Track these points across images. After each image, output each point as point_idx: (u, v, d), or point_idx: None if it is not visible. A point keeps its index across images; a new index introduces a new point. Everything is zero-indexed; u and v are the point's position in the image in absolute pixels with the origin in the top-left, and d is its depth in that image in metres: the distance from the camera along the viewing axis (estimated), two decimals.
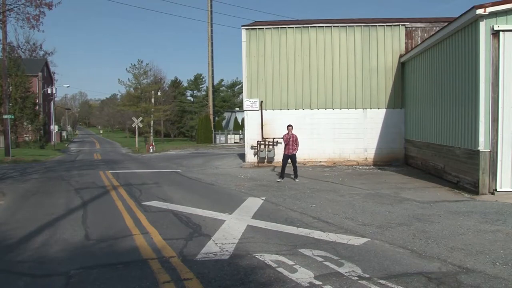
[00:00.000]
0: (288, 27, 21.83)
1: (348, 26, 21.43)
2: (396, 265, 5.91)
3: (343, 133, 21.27)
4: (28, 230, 8.43)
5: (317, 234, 7.68)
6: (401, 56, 20.88)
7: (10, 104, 42.00)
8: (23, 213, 10.48)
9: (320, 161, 21.36)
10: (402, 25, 21.13)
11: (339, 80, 21.38)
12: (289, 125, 16.41)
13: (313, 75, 21.55)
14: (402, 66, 20.96)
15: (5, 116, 33.38)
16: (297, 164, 16.34)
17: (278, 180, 15.75)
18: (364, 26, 21.32)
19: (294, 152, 15.96)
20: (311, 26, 21.67)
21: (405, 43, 21.06)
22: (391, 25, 21.20)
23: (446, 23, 15.08)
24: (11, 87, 47.65)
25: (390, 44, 21.16)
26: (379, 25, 21.25)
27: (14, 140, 45.52)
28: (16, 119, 48.46)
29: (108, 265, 6.14)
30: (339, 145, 21.32)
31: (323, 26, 21.60)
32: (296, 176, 16.02)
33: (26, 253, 6.89)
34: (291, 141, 15.88)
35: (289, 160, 15.95)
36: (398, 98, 21.06)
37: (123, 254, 6.75)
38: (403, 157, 20.92)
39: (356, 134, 21.25)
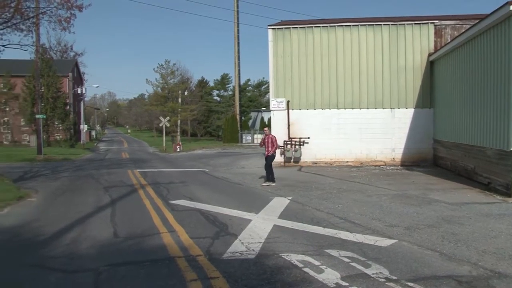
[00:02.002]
0: (315, 27, 21.73)
1: (376, 25, 21.19)
2: (425, 268, 5.81)
3: (370, 133, 21.05)
4: (59, 227, 8.63)
5: (343, 235, 7.63)
6: (430, 55, 20.54)
7: (42, 104, 42.96)
8: (54, 210, 10.74)
9: (347, 161, 21.19)
10: (431, 23, 20.77)
11: (366, 80, 21.17)
12: (265, 127, 16.74)
13: (340, 74, 21.40)
14: (431, 65, 20.61)
15: (37, 116, 34.18)
16: (272, 168, 15.51)
17: (264, 184, 15.02)
18: (392, 24, 21.05)
19: (268, 154, 15.31)
20: (338, 25, 21.52)
21: (434, 41, 20.70)
22: (419, 24, 20.86)
23: (477, 21, 14.74)
24: (43, 88, 48.83)
25: (418, 42, 20.83)
26: (407, 24, 20.94)
27: (45, 139, 46.55)
28: (47, 118, 49.66)
29: (136, 263, 6.23)
30: (366, 145, 21.12)
31: (350, 25, 21.42)
32: (267, 180, 15.17)
33: (57, 249, 7.06)
34: (266, 142, 15.39)
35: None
36: (427, 97, 20.72)
37: (151, 252, 6.84)
38: (431, 158, 20.57)
39: (383, 134, 21.00)
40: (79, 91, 64.70)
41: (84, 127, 62.03)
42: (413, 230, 7.98)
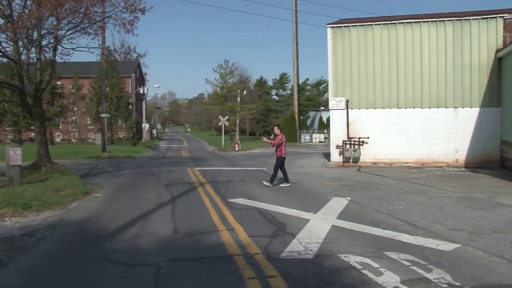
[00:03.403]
0: (375, 24, 21.31)
1: (439, 21, 20.46)
2: (491, 275, 5.54)
3: (432, 133, 20.35)
4: (122, 222, 8.97)
5: (404, 237, 7.44)
6: (498, 51, 19.55)
7: (107, 104, 44.69)
8: (117, 206, 11.19)
9: (408, 162, 20.62)
10: (500, 17, 19.76)
11: (429, 78, 20.50)
12: (277, 126, 15.88)
13: (400, 73, 20.86)
14: (499, 62, 19.62)
15: (102, 115, 35.69)
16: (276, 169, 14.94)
17: (281, 185, 14.74)
18: (456, 20, 20.24)
19: (277, 155, 14.94)
20: (398, 23, 20.98)
21: (503, 36, 19.68)
22: (486, 18, 19.90)
23: None
24: (108, 88, 50.85)
25: (485, 38, 19.89)
26: (473, 19, 20.05)
27: (109, 137, 48.44)
28: (111, 117, 51.68)
29: (195, 259, 6.36)
30: (427, 146, 20.44)
31: (411, 22, 20.81)
32: (271, 181, 14.68)
33: (120, 243, 7.34)
34: (278, 142, 14.88)
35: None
36: (494, 96, 19.75)
37: (210, 249, 6.96)
38: (498, 160, 19.58)
39: (446, 134, 20.24)
40: (141, 91, 66.86)
41: (145, 126, 64.03)
42: (478, 235, 7.65)
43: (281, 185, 14.71)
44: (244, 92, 66.05)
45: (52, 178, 14.90)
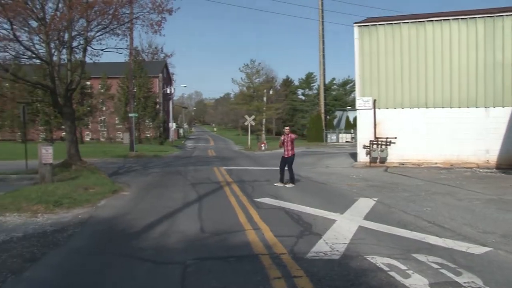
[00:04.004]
0: (403, 23, 21.04)
1: (469, 18, 20.05)
2: None
3: (462, 133, 19.94)
4: (149, 220, 9.08)
5: (432, 239, 7.32)
6: None
7: (135, 104, 45.28)
8: (144, 204, 11.33)
9: (436, 163, 20.27)
10: None
11: (458, 77, 20.11)
12: (286, 126, 15.95)
13: (429, 72, 20.54)
14: None
15: (130, 115, 36.19)
16: (292, 169, 14.88)
17: (275, 184, 14.68)
18: (488, 17, 19.79)
19: (289, 155, 14.73)
20: (427, 21, 20.66)
21: None
22: None
23: None
24: (135, 88, 51.55)
25: None
26: (506, 15, 19.55)
27: (137, 137, 49.11)
28: (139, 117, 52.36)
29: (222, 258, 6.39)
30: (457, 146, 20.04)
31: (440, 20, 20.47)
32: (291, 181, 14.56)
33: (148, 242, 7.43)
34: (285, 142, 14.76)
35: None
36: None
37: (236, 248, 6.99)
38: None
39: (476, 134, 19.80)
40: (168, 91, 67.53)
41: (172, 125, 64.66)
42: (511, 238, 7.46)
43: (275, 184, 14.68)
44: (270, 92, 66.10)
45: (82, 176, 15.21)
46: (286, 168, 14.81)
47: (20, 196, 10.77)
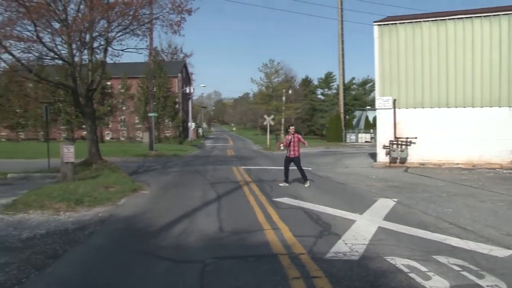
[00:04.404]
0: (423, 21, 20.78)
1: (493, 15, 19.67)
2: None
3: (484, 133, 19.61)
4: (168, 219, 9.15)
5: (453, 241, 7.20)
6: None
7: (154, 103, 45.67)
8: (164, 203, 11.42)
9: (457, 163, 19.98)
10: None
11: (481, 76, 19.77)
12: (291, 125, 15.80)
13: (450, 71, 20.25)
14: None
15: (149, 114, 36.50)
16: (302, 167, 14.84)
17: (280, 184, 14.60)
18: None
19: (296, 155, 14.61)
20: (448, 19, 20.36)
21: None
22: None
23: None
24: (155, 88, 51.97)
25: None
26: None
27: (156, 136, 49.48)
28: (159, 116, 52.78)
29: (241, 257, 6.42)
30: (479, 146, 19.71)
31: (462, 18, 20.14)
32: (305, 180, 14.51)
33: (167, 240, 7.50)
34: (291, 142, 14.59)
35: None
36: None
37: (255, 248, 7.01)
38: None
39: (500, 134, 19.43)
40: (187, 91, 67.89)
41: (191, 125, 64.95)
42: None
43: (280, 184, 14.63)
44: (289, 91, 65.97)
45: (102, 175, 15.38)
46: (290, 167, 14.80)
47: (43, 194, 10.96)
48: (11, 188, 13.56)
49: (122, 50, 19.72)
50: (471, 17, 20.03)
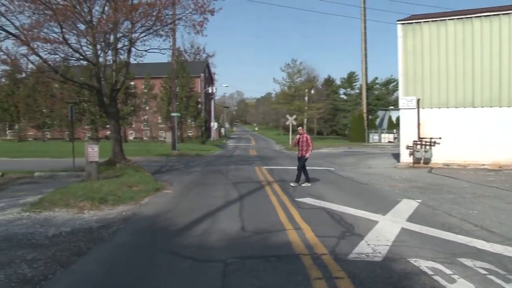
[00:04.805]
0: (448, 19, 20.43)
1: None
2: None
3: None
4: (191, 218, 9.22)
5: (479, 244, 7.06)
6: None
7: (177, 103, 45.99)
8: (187, 202, 11.50)
9: (483, 164, 19.59)
10: None
11: (508, 75, 19.33)
12: (299, 126, 15.78)
13: (476, 70, 19.86)
14: None
15: (172, 114, 36.77)
16: (305, 168, 14.81)
17: (303, 184, 14.45)
18: None
19: (302, 154, 14.61)
20: (474, 16, 19.96)
21: None
22: None
23: None
24: (178, 88, 52.33)
25: None
26: None
27: (179, 136, 49.80)
28: (181, 116, 53.12)
29: (262, 257, 6.41)
30: (506, 147, 19.27)
31: (489, 15, 19.71)
32: (296, 181, 14.49)
33: (189, 239, 7.55)
34: (300, 142, 14.58)
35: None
36: None
37: (277, 248, 6.99)
38: None
39: None
40: (209, 91, 68.15)
41: (214, 125, 65.22)
42: None
43: (291, 184, 14.51)
44: (312, 91, 65.84)
45: (126, 174, 15.57)
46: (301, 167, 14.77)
47: (68, 192, 11.15)
48: (38, 187, 13.86)
49: (145, 51, 19.96)
50: (498, 14, 19.60)
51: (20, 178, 16.19)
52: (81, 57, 18.47)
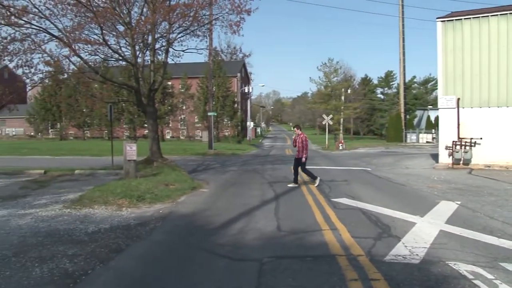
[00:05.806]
0: (491, 15, 19.80)
1: None
2: None
3: None
4: (227, 217, 9.28)
5: None
6: None
7: (214, 103, 46.39)
8: (222, 201, 11.57)
9: None
10: None
11: None
12: (295, 126, 15.53)
13: None
14: None
15: (209, 113, 37.13)
16: (304, 169, 14.58)
17: (289, 185, 14.27)
18: None
19: (298, 156, 14.39)
20: None
21: None
22: None
23: None
24: (214, 87, 52.80)
25: None
26: None
27: (215, 135, 50.26)
28: (218, 116, 53.59)
29: (298, 257, 6.39)
30: None
31: None
32: (294, 181, 14.42)
33: (225, 238, 7.59)
34: (296, 143, 14.39)
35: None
36: None
37: (312, 248, 6.96)
38: None
39: None
40: (246, 90, 68.49)
41: (250, 124, 65.38)
42: None
43: (289, 185, 14.34)
44: (349, 91, 65.10)
45: (163, 172, 15.80)
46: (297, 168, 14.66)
47: (107, 190, 11.42)
48: (78, 184, 14.27)
49: (182, 51, 20.24)
50: None
51: (61, 175, 16.69)
52: (120, 58, 18.92)
